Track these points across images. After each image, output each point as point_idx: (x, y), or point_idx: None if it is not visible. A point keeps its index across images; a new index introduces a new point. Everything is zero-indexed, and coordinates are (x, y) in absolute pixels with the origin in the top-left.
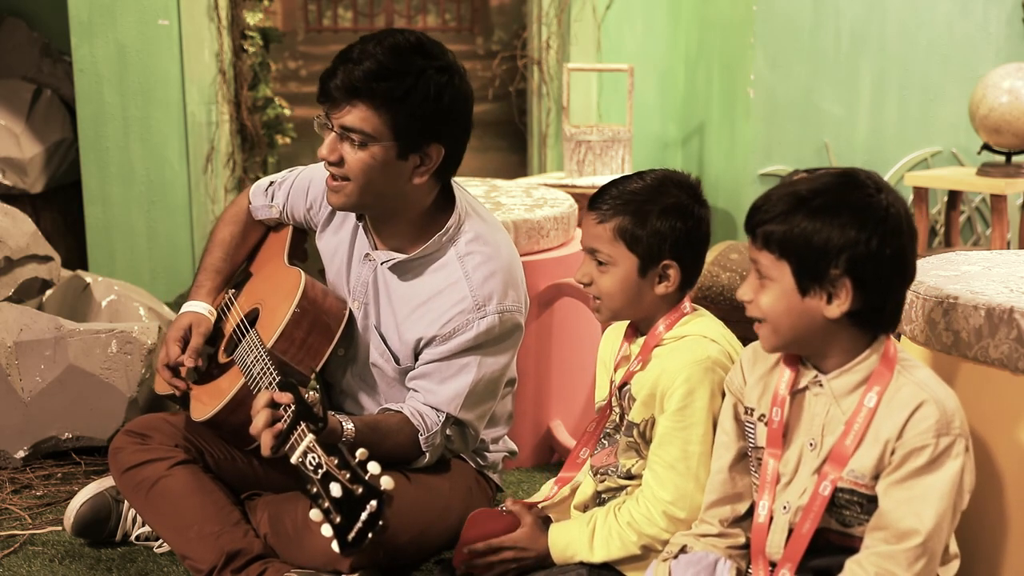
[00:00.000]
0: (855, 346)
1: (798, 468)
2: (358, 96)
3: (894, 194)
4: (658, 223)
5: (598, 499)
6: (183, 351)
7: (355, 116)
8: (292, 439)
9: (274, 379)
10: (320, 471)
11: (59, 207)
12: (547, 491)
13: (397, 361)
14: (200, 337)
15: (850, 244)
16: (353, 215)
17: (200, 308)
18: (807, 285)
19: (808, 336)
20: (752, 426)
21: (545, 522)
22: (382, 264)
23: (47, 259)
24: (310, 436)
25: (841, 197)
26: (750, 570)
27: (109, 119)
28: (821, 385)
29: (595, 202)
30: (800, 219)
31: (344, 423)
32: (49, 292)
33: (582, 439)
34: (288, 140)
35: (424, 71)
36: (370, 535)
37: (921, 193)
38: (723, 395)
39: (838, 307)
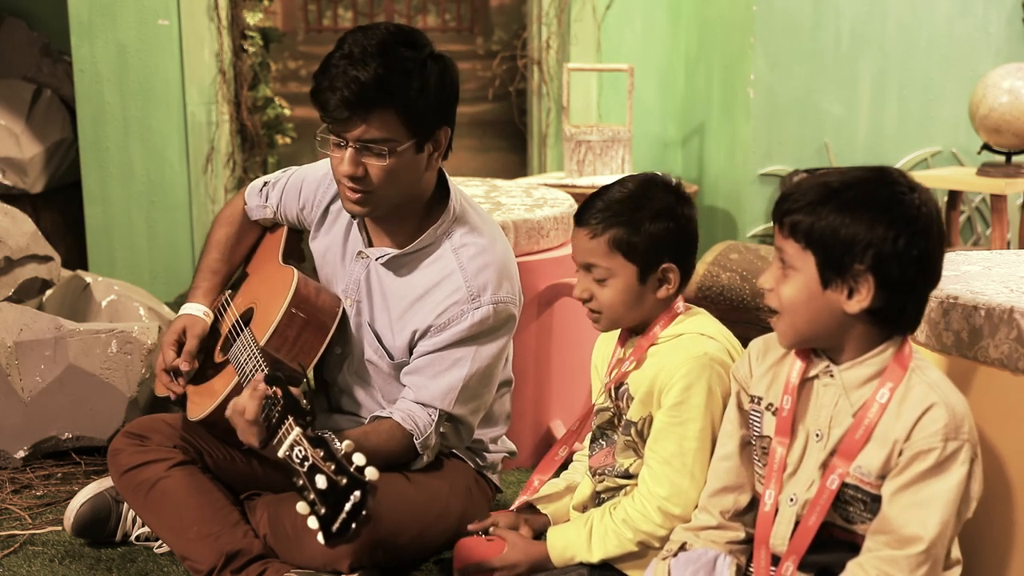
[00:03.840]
0: (869, 342)
1: (803, 458)
2: (371, 107)
3: (927, 194)
4: (651, 228)
5: (597, 499)
6: (179, 354)
7: (374, 128)
8: (280, 433)
9: (268, 374)
10: (306, 464)
11: (59, 207)
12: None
13: (391, 357)
14: (195, 339)
15: (877, 241)
16: (345, 213)
17: (195, 310)
18: (829, 278)
19: (824, 330)
20: (759, 415)
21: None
22: (376, 260)
23: (47, 259)
24: (297, 430)
25: (872, 192)
26: (751, 567)
27: (109, 119)
28: (832, 376)
29: (583, 217)
30: (829, 211)
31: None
32: (49, 292)
33: (563, 438)
34: (288, 140)
35: (424, 63)
36: (354, 525)
37: None
38: (722, 391)
39: (858, 303)
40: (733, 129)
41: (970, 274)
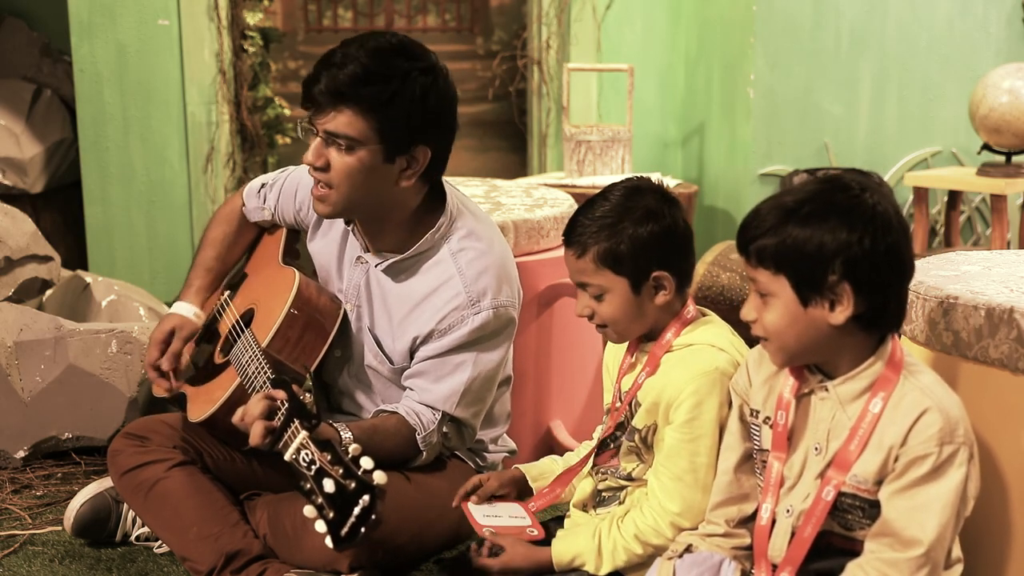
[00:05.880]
0: (864, 349)
1: (803, 472)
2: (343, 101)
3: (880, 193)
4: (635, 237)
5: (597, 496)
6: (162, 354)
7: (340, 121)
8: (286, 436)
9: (269, 378)
10: (313, 467)
11: (59, 207)
12: (546, 467)
13: (391, 362)
14: (180, 341)
15: (843, 247)
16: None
17: (184, 310)
18: (807, 295)
19: (817, 347)
20: (757, 428)
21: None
22: (375, 266)
23: (47, 259)
24: (303, 433)
25: (827, 202)
26: (754, 571)
27: (109, 119)
28: (827, 390)
29: (568, 236)
30: (791, 230)
31: (342, 432)
32: (49, 292)
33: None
34: (288, 140)
35: (409, 73)
36: (363, 529)
37: (921, 193)
38: (730, 403)
39: (841, 313)
40: (733, 129)
41: (970, 274)
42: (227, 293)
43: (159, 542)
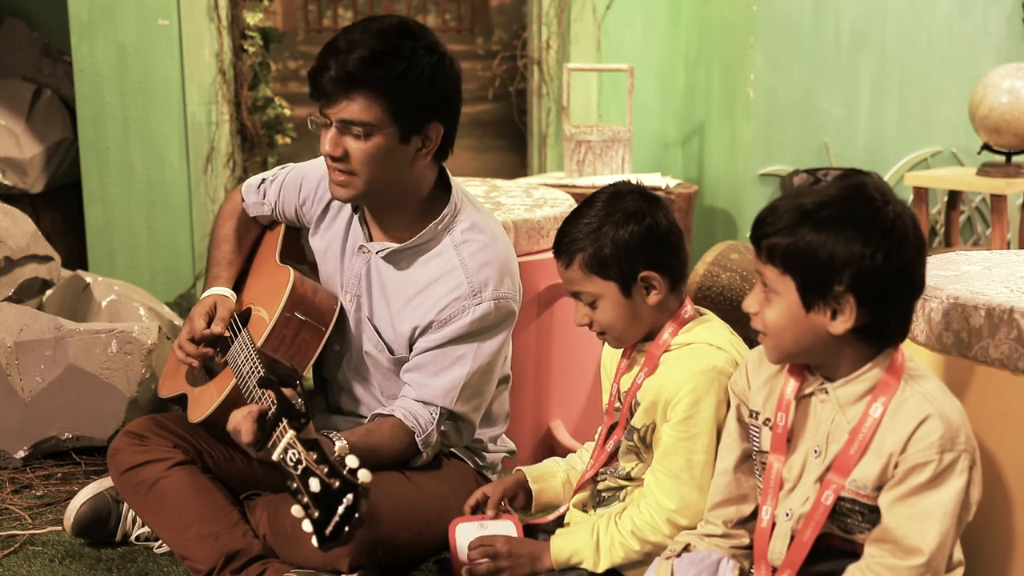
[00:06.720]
0: (862, 358)
1: (802, 474)
2: (355, 87)
3: (901, 205)
4: (617, 239)
5: (597, 496)
6: (208, 326)
7: (354, 108)
8: (274, 436)
9: (259, 377)
10: (300, 467)
11: (59, 207)
12: (548, 469)
13: (391, 351)
14: (226, 311)
15: (855, 260)
16: (347, 208)
17: (222, 291)
18: (811, 300)
19: (813, 350)
20: (757, 429)
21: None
22: (377, 254)
23: (47, 259)
24: (291, 432)
25: (846, 210)
26: (752, 571)
27: (109, 119)
28: (827, 392)
29: (556, 248)
30: (805, 232)
31: (336, 441)
32: (49, 292)
33: (596, 459)
34: (288, 140)
35: (415, 52)
36: (347, 528)
37: (921, 193)
38: (728, 403)
39: (842, 323)
40: (733, 129)
41: (970, 274)
42: None
43: (159, 542)
